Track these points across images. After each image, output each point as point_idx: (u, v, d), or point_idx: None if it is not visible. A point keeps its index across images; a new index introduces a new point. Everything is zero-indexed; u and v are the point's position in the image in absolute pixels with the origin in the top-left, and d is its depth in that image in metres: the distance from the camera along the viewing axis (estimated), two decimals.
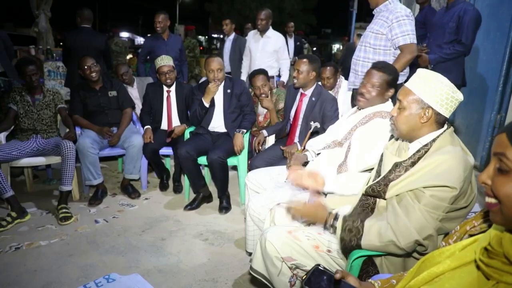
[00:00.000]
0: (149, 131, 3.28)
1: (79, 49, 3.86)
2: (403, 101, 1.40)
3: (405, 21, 2.57)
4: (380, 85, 1.94)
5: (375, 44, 2.70)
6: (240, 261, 2.36)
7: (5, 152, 2.85)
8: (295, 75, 2.73)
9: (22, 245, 2.50)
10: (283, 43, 4.35)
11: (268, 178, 2.38)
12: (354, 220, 1.41)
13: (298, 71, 2.70)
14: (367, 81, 1.96)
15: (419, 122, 1.37)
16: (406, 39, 2.58)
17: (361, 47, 2.81)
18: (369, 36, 2.74)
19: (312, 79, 2.75)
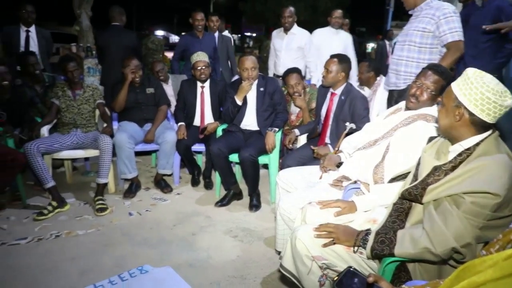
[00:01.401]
0: (182, 127, 3.34)
1: (111, 48, 3.98)
2: (444, 97, 1.37)
3: (452, 18, 2.50)
4: (435, 89, 1.86)
5: (421, 42, 2.62)
6: (269, 260, 2.36)
7: (47, 145, 2.99)
8: (324, 74, 2.70)
9: (62, 233, 2.62)
10: (309, 40, 4.25)
11: (299, 177, 2.36)
12: (386, 232, 1.39)
13: (327, 70, 2.66)
14: (421, 82, 1.88)
15: (454, 121, 1.32)
16: (454, 36, 2.49)
17: (403, 46, 2.72)
18: (413, 35, 2.65)
19: (341, 80, 2.70)
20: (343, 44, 4.36)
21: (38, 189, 3.26)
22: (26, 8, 4.05)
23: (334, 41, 4.31)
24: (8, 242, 2.49)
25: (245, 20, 23.27)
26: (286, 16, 4.09)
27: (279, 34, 4.28)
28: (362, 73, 3.46)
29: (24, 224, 2.74)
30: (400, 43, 2.78)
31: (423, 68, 1.94)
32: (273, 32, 4.45)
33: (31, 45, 4.11)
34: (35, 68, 3.44)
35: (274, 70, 4.36)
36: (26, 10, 4.05)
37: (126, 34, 4.17)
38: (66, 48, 6.45)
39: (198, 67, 3.34)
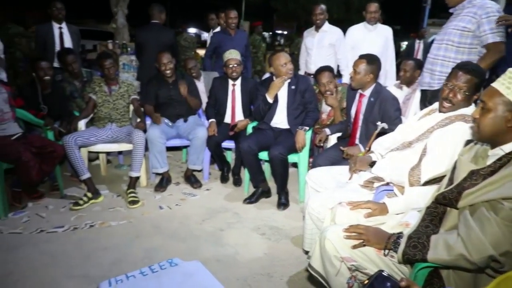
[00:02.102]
0: (213, 124, 3.38)
1: (149, 45, 4.08)
2: (488, 102, 1.28)
3: (495, 17, 2.38)
4: (468, 89, 1.79)
5: (460, 42, 2.52)
6: (296, 259, 2.36)
7: (84, 138, 3.10)
8: (351, 75, 2.63)
9: (96, 223, 2.72)
10: (341, 37, 4.14)
11: (329, 177, 2.34)
12: (419, 237, 1.35)
13: (355, 71, 2.57)
14: (453, 84, 1.81)
15: (505, 126, 1.25)
16: (495, 37, 2.38)
17: (440, 45, 2.63)
18: (452, 34, 2.56)
19: (369, 81, 2.60)
20: (383, 38, 4.04)
21: (74, 180, 3.40)
22: (56, 5, 4.20)
23: (372, 37, 4.01)
24: (47, 229, 2.62)
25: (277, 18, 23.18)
26: (317, 14, 4.04)
27: (310, 32, 4.23)
28: (407, 72, 3.29)
29: (61, 213, 2.86)
30: (437, 42, 2.69)
31: (453, 68, 1.87)
32: (304, 32, 4.40)
33: (65, 41, 4.29)
34: (74, 66, 3.57)
35: (305, 68, 4.32)
36: (56, 7, 4.20)
37: (164, 32, 4.27)
38: (103, 45, 6.64)
39: (230, 65, 3.37)
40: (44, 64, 3.23)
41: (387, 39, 4.06)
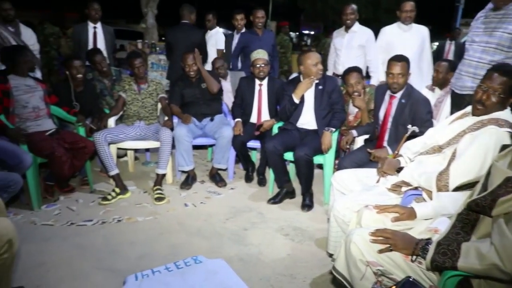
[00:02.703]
0: (239, 124, 3.40)
1: (179, 44, 4.14)
2: None
3: None
4: (503, 91, 1.72)
5: (510, 47, 2.41)
6: (320, 261, 2.34)
7: (114, 135, 3.19)
8: (392, 79, 2.56)
9: (123, 218, 2.79)
10: (371, 38, 4.05)
11: (355, 179, 2.30)
12: (449, 243, 1.31)
13: (401, 74, 2.52)
14: (487, 86, 1.75)
15: None
16: None
17: (486, 49, 2.52)
18: (503, 38, 2.43)
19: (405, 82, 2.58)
20: (419, 39, 3.83)
21: (103, 176, 3.50)
22: (93, 6, 4.35)
23: (407, 38, 3.82)
24: (77, 222, 2.71)
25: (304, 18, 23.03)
26: (348, 13, 3.97)
27: (340, 32, 4.17)
28: (440, 73, 3.18)
29: (91, 207, 2.95)
30: (480, 44, 2.56)
31: (488, 70, 1.80)
32: (334, 32, 4.35)
33: (98, 40, 4.42)
34: (102, 65, 3.68)
35: (333, 69, 4.27)
36: (93, 7, 4.35)
37: (194, 32, 4.32)
38: (133, 44, 6.81)
39: (257, 65, 3.38)
40: (77, 62, 3.34)
41: (424, 40, 3.90)
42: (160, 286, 1.46)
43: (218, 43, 4.92)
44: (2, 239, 1.52)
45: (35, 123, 2.95)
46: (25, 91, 2.92)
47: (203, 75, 3.46)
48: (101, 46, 4.28)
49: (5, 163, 2.55)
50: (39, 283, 2.02)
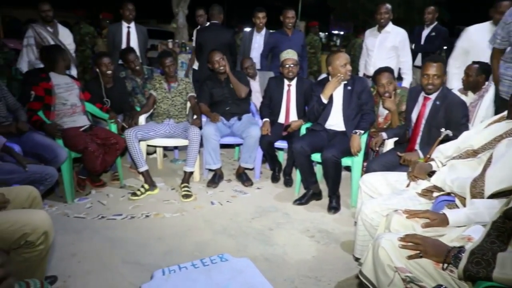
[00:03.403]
0: (267, 123, 3.40)
1: (208, 44, 4.18)
2: None
3: None
4: None
5: None
6: (345, 264, 2.30)
7: (144, 132, 3.26)
8: (427, 81, 2.49)
9: (151, 214, 2.85)
10: (404, 39, 3.96)
11: (384, 183, 2.26)
12: (484, 253, 1.26)
13: (434, 75, 2.45)
14: None
15: None
16: None
17: None
18: None
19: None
20: None
21: (133, 172, 3.59)
22: (128, 6, 4.46)
23: None
24: (107, 216, 2.79)
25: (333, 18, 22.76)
26: (382, 13, 3.88)
27: (373, 32, 4.08)
28: (470, 76, 3.06)
29: (120, 202, 3.03)
30: None
31: None
32: (366, 31, 4.26)
33: (131, 40, 4.53)
34: (135, 64, 3.77)
35: (364, 70, 4.19)
36: (127, 8, 4.46)
37: (223, 32, 4.36)
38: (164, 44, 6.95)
39: (286, 65, 3.37)
40: (106, 59, 3.44)
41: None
42: (186, 282, 1.48)
43: None
44: (39, 231, 1.58)
45: (70, 119, 3.06)
46: (65, 89, 3.03)
47: (232, 81, 3.49)
48: (134, 45, 4.39)
49: (42, 157, 2.66)
50: (71, 273, 2.10)
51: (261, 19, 4.51)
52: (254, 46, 4.63)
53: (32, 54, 3.94)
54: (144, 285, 1.47)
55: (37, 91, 2.90)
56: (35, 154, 2.66)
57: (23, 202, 1.83)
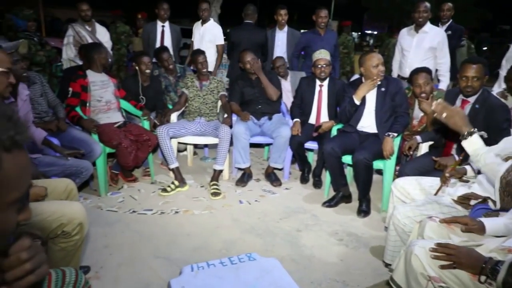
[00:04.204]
0: (297, 124, 3.37)
1: (242, 44, 4.21)
2: None
3: None
4: None
5: None
6: (374, 270, 2.25)
7: (175, 129, 3.32)
8: (465, 83, 2.39)
9: (180, 210, 2.90)
10: (444, 39, 3.79)
11: (418, 188, 2.19)
12: None
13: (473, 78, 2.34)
14: None
15: None
16: None
17: None
18: None
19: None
20: None
21: (164, 168, 3.66)
22: (163, 6, 4.57)
23: None
24: (138, 211, 2.86)
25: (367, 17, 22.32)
26: (420, 11, 3.71)
27: (409, 32, 3.91)
28: (510, 81, 2.92)
29: (151, 197, 3.10)
30: None
31: None
32: (402, 30, 4.07)
33: (165, 38, 4.61)
34: (169, 62, 3.84)
35: (398, 71, 4.05)
36: (162, 7, 4.56)
37: (257, 32, 4.38)
38: None
39: (318, 65, 3.33)
40: (146, 58, 3.53)
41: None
42: (214, 279, 1.49)
43: (217, 39, 4.55)
44: (75, 222, 1.64)
45: (105, 115, 3.15)
46: (100, 86, 3.14)
47: (263, 83, 3.49)
48: (168, 44, 4.48)
49: None
50: (103, 264, 2.17)
51: (283, 16, 4.45)
52: (278, 44, 4.59)
53: (71, 52, 4.10)
54: (173, 280, 1.50)
55: (74, 88, 3.02)
56: (72, 148, 2.76)
57: (60, 194, 1.90)
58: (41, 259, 0.68)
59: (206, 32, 4.51)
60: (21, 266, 0.64)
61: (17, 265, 0.64)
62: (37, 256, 0.67)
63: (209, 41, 4.47)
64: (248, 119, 3.44)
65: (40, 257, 0.68)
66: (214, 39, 4.52)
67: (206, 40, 4.47)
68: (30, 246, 0.67)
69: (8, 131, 0.55)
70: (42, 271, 0.68)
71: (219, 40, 4.55)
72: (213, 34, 4.52)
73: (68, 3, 8.16)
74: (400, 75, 3.98)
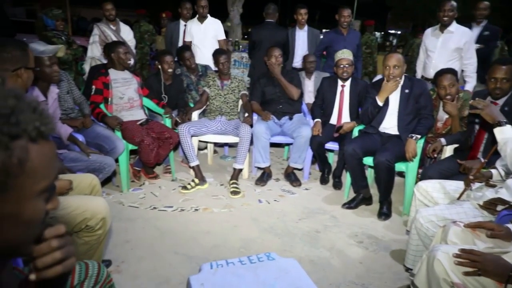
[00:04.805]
0: (318, 124, 3.35)
1: (263, 43, 4.21)
2: None
3: None
4: None
5: None
6: (394, 274, 2.21)
7: (197, 128, 3.35)
8: (494, 85, 2.32)
9: (200, 208, 2.92)
10: (470, 39, 3.66)
11: (442, 191, 2.14)
12: None
13: (503, 79, 2.27)
14: None
15: None
16: None
17: None
18: None
19: None
20: None
21: (184, 166, 3.69)
22: (186, 5, 4.63)
23: None
24: (158, 207, 2.90)
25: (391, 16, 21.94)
26: (446, 10, 3.58)
27: (434, 32, 3.79)
28: None
29: (171, 195, 3.14)
30: None
31: None
32: (426, 30, 3.96)
33: (187, 38, 4.65)
34: (191, 61, 3.88)
35: (422, 72, 3.95)
36: (185, 7, 4.62)
37: (278, 31, 4.37)
38: None
39: (341, 65, 3.29)
40: (169, 57, 3.57)
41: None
42: (233, 278, 1.50)
43: (219, 34, 4.49)
44: (98, 217, 1.68)
45: (128, 112, 3.21)
46: (122, 84, 3.20)
47: (283, 84, 3.49)
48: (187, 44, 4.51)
49: (102, 148, 2.83)
50: (124, 259, 2.21)
51: (303, 16, 4.46)
52: (298, 43, 4.58)
53: (97, 50, 4.19)
54: (193, 277, 1.51)
55: (96, 85, 3.10)
56: (96, 144, 2.83)
57: (85, 188, 1.95)
58: (70, 250, 0.70)
59: (208, 29, 4.43)
60: (51, 254, 0.66)
61: (48, 252, 0.66)
62: (67, 247, 0.69)
63: (212, 37, 4.44)
64: (269, 118, 3.44)
65: (70, 248, 0.70)
66: (216, 35, 4.48)
67: (210, 37, 4.42)
68: (64, 234, 0.69)
69: (34, 122, 0.57)
70: (70, 263, 0.69)
71: (222, 35, 4.52)
72: (215, 30, 4.47)
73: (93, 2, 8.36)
74: (424, 76, 3.88)
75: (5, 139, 0.53)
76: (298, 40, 4.57)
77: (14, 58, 1.62)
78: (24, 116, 0.56)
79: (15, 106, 0.55)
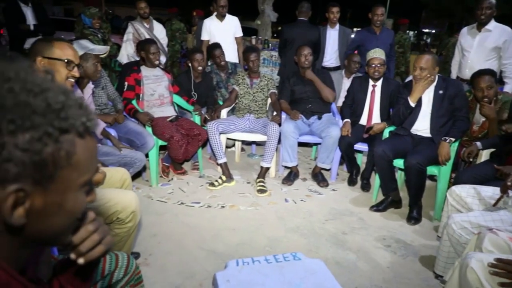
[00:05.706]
0: (348, 124, 3.29)
1: (295, 41, 4.18)
2: None
3: None
4: None
5: None
6: (423, 281, 2.15)
7: (225, 125, 3.37)
8: None
9: (226, 205, 2.94)
10: (510, 38, 3.44)
11: (476, 197, 2.06)
12: None
13: None
14: None
15: None
16: None
17: None
18: None
19: None
20: None
21: (212, 163, 3.73)
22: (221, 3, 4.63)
23: None
24: (186, 203, 2.94)
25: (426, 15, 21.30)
26: (483, 7, 3.42)
27: (471, 31, 3.63)
28: None
29: (199, 191, 3.18)
30: None
31: None
32: (463, 29, 3.81)
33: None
34: (221, 59, 3.91)
35: (458, 73, 3.80)
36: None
37: (311, 29, 4.34)
38: (247, 40, 7.10)
39: (372, 64, 3.23)
40: (199, 55, 3.61)
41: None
42: (258, 276, 1.50)
43: (238, 31, 4.54)
44: (128, 210, 1.73)
45: (159, 109, 3.28)
46: (153, 81, 3.27)
47: (317, 85, 3.46)
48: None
49: (133, 143, 2.90)
50: (152, 252, 2.26)
51: (334, 14, 4.39)
52: (329, 42, 4.52)
53: (131, 48, 4.30)
54: (219, 273, 1.52)
55: (129, 81, 3.19)
56: (128, 139, 2.91)
57: (116, 182, 2.01)
58: (105, 230, 0.76)
59: (229, 27, 4.48)
60: (90, 237, 0.73)
61: (87, 237, 0.72)
62: (101, 228, 0.75)
63: (233, 34, 4.50)
64: (298, 118, 3.42)
65: (104, 228, 0.76)
66: (235, 31, 4.51)
67: (231, 34, 4.48)
68: (94, 219, 0.75)
69: (81, 117, 0.59)
70: (108, 240, 0.76)
71: (240, 32, 4.56)
72: (235, 27, 4.52)
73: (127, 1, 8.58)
74: (459, 77, 3.74)
75: (56, 133, 0.55)
76: (329, 39, 4.50)
77: None
78: (72, 111, 0.58)
79: (64, 101, 0.58)
